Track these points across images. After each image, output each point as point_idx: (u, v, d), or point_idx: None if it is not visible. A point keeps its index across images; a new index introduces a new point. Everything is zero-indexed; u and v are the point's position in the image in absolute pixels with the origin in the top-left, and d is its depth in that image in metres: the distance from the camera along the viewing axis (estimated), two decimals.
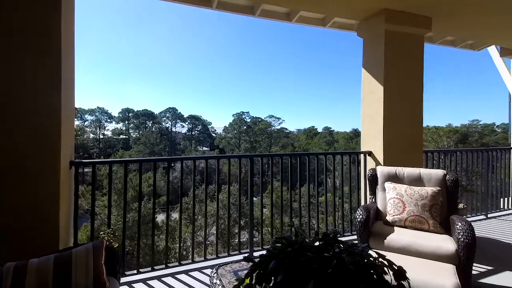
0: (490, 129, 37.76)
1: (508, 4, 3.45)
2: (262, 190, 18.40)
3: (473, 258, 2.06)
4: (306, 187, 3.78)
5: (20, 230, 2.18)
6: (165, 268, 2.77)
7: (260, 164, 3.17)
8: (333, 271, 1.10)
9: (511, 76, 5.74)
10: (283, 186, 14.49)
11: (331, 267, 1.11)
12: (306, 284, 1.07)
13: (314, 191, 4.03)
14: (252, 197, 3.24)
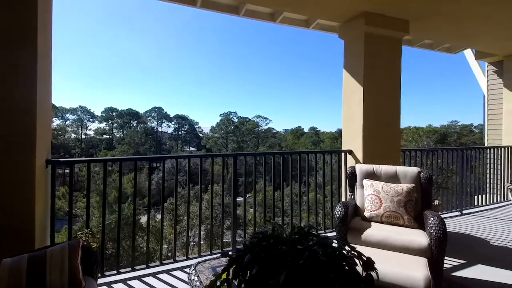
0: (468, 129, 39.43)
1: (480, 10, 3.64)
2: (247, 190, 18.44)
3: (445, 251, 2.16)
4: (291, 186, 3.83)
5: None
6: (146, 268, 2.74)
7: (244, 163, 3.20)
8: (304, 262, 1.14)
9: (485, 78, 6.03)
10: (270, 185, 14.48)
11: (302, 259, 1.14)
12: (280, 276, 1.10)
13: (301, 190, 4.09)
14: (236, 196, 3.26)
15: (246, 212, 3.66)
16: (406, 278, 1.79)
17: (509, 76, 5.42)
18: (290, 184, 3.73)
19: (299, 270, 1.13)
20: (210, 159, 3.11)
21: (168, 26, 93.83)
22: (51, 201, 2.49)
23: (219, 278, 1.31)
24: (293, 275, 1.11)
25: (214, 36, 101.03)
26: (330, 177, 3.84)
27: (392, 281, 1.82)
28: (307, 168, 3.75)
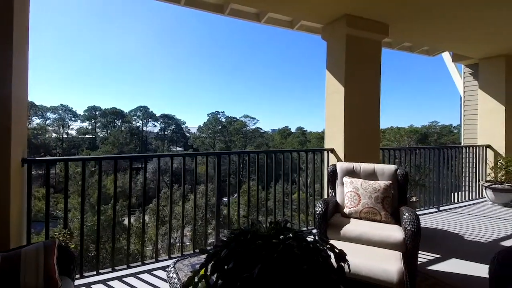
0: (447, 130, 40.94)
1: (456, 16, 3.80)
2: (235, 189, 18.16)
3: (418, 245, 2.25)
4: (276, 184, 3.88)
5: None
6: (127, 268, 2.71)
7: (228, 162, 3.19)
8: (279, 255, 1.18)
9: (462, 80, 6.30)
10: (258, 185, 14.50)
11: (277, 252, 1.18)
12: (254, 269, 1.13)
13: (287, 189, 4.14)
14: (220, 195, 3.27)
15: (233, 211, 3.66)
16: (381, 271, 1.86)
17: (484, 78, 5.68)
18: (274, 184, 3.77)
19: (273, 263, 1.16)
20: (196, 159, 3.11)
21: (154, 25, 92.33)
22: (28, 201, 2.42)
23: (196, 274, 1.32)
24: (267, 268, 1.14)
25: (200, 35, 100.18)
26: (315, 176, 3.91)
27: (368, 274, 1.89)
28: (290, 167, 3.80)
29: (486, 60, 5.61)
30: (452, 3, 3.48)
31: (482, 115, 5.70)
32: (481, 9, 3.63)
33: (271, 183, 3.54)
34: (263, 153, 3.80)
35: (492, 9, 3.62)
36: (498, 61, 5.43)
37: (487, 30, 4.33)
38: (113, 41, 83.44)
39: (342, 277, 1.21)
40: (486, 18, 3.89)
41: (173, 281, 1.55)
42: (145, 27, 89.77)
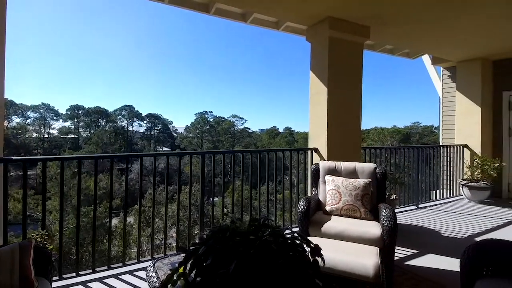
0: (429, 130, 42.33)
1: (435, 21, 3.95)
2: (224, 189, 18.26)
3: (395, 241, 2.34)
4: (264, 184, 3.91)
5: None
6: (107, 270, 2.67)
7: (212, 162, 3.21)
8: (255, 251, 1.20)
9: (440, 82, 6.54)
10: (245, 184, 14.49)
11: (254, 248, 1.20)
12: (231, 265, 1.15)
13: (271, 188, 4.18)
14: (203, 194, 3.27)
15: (220, 211, 3.67)
16: (358, 265, 1.92)
17: (461, 80, 5.92)
18: (258, 183, 3.80)
19: (250, 259, 1.18)
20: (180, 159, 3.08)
21: (139, 23, 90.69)
22: (4, 201, 2.35)
23: (175, 272, 1.33)
24: (244, 263, 1.17)
25: (187, 34, 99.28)
26: (299, 176, 3.97)
27: (346, 269, 1.95)
28: (275, 166, 3.84)
29: (463, 63, 5.85)
30: (431, 9, 3.62)
31: (459, 116, 5.95)
32: (458, 15, 3.79)
33: (262, 182, 3.57)
34: (248, 153, 3.83)
35: (469, 15, 3.79)
36: (475, 64, 5.67)
37: (464, 35, 4.53)
38: (96, 38, 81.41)
39: (317, 271, 1.25)
40: (463, 24, 4.07)
41: (152, 280, 1.55)
42: (131, 25, 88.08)
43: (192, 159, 3.20)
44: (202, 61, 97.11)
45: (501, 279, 1.70)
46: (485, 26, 4.15)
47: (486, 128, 5.67)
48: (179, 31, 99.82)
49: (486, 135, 5.66)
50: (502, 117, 5.65)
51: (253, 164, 3.63)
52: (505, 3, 3.43)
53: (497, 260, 1.77)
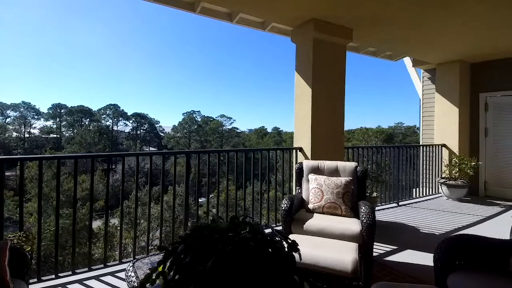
0: (411, 130, 43.58)
1: (415, 25, 4.08)
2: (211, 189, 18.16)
3: (374, 237, 2.41)
4: (241, 184, 3.93)
5: None
6: (88, 271, 2.62)
7: (197, 161, 3.20)
8: (233, 248, 1.22)
9: (421, 84, 6.76)
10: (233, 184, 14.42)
11: (231, 245, 1.22)
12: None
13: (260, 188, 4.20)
14: (188, 194, 3.25)
15: (196, 211, 3.66)
16: (337, 261, 1.98)
17: (440, 82, 6.14)
18: (243, 183, 3.82)
19: (228, 255, 1.20)
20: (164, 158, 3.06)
21: (124, 21, 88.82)
22: None
23: (154, 271, 1.33)
24: (222, 260, 1.18)
25: (175, 33, 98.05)
26: (283, 175, 4.02)
27: (325, 265, 2.00)
28: (260, 166, 3.87)
29: (442, 65, 6.07)
30: (411, 15, 3.75)
31: (438, 117, 6.16)
32: (439, 21, 3.94)
33: (249, 182, 3.59)
34: (233, 152, 3.84)
35: (449, 21, 3.94)
36: (453, 66, 5.90)
37: (444, 39, 4.70)
38: (81, 36, 79.15)
39: (293, 265, 1.28)
40: (442, 28, 4.22)
41: (131, 280, 1.54)
42: (116, 23, 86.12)
43: (176, 159, 3.19)
44: (190, 60, 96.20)
45: (472, 272, 1.79)
46: (464, 31, 4.32)
47: (464, 128, 5.91)
48: (166, 29, 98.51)
49: (463, 135, 5.89)
50: (479, 118, 5.90)
51: (240, 164, 3.64)
52: (483, 10, 3.58)
53: (467, 254, 1.86)
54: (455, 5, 3.48)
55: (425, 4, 3.47)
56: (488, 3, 3.41)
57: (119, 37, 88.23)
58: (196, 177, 3.28)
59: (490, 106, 5.80)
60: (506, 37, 4.53)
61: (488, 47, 5.04)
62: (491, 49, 5.17)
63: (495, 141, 5.73)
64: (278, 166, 4.16)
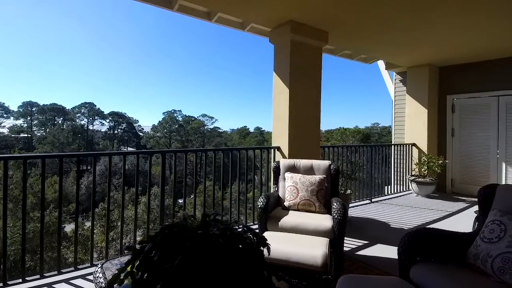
0: (387, 130, 45.31)
1: (385, 31, 4.28)
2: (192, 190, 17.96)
3: (344, 232, 2.52)
4: (234, 183, 3.94)
5: None
6: (58, 275, 2.54)
7: (174, 160, 3.17)
8: (202, 245, 1.24)
9: (393, 86, 7.06)
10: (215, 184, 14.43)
11: (200, 242, 1.24)
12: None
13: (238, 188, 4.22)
14: (163, 195, 3.22)
15: (188, 212, 3.61)
16: (309, 256, 2.05)
17: (411, 84, 6.45)
18: (217, 181, 3.83)
19: (196, 253, 1.22)
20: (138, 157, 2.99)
21: (102, 15, 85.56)
22: None
23: (122, 271, 1.32)
24: (190, 258, 1.20)
25: (155, 31, 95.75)
26: (261, 174, 4.06)
27: (298, 260, 2.06)
28: (238, 165, 3.90)
29: (413, 68, 6.38)
30: (383, 22, 3.93)
31: (409, 117, 6.48)
32: (408, 26, 4.14)
33: (231, 182, 3.60)
34: (212, 151, 3.84)
35: (417, 27, 4.15)
36: (423, 69, 6.21)
37: (414, 44, 4.96)
38: (53, 30, 75.33)
39: (261, 260, 1.32)
40: (412, 34, 4.45)
41: (99, 281, 1.51)
42: (92, 17, 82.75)
43: (151, 159, 3.14)
44: (171, 58, 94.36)
45: (432, 263, 1.91)
46: (432, 37, 4.57)
47: (432, 128, 6.25)
48: (145, 27, 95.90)
49: (432, 135, 6.23)
50: (446, 118, 6.26)
51: (220, 163, 3.65)
52: (450, 16, 3.80)
53: (428, 246, 1.99)
54: (423, 13, 3.68)
55: (395, 12, 3.66)
56: (454, 11, 3.63)
57: (94, 33, 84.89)
58: (176, 177, 3.25)
59: (457, 107, 6.17)
60: (472, 43, 4.83)
61: (455, 52, 5.36)
62: (458, 54, 5.50)
63: (461, 141, 6.11)
64: (259, 165, 4.21)
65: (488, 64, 5.67)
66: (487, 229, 1.94)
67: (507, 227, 1.82)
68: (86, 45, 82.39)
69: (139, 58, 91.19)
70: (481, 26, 4.11)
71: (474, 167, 5.90)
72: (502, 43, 4.77)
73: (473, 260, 1.86)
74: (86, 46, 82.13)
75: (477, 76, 5.82)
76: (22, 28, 71.53)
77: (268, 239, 2.28)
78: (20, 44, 70.99)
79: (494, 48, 5.01)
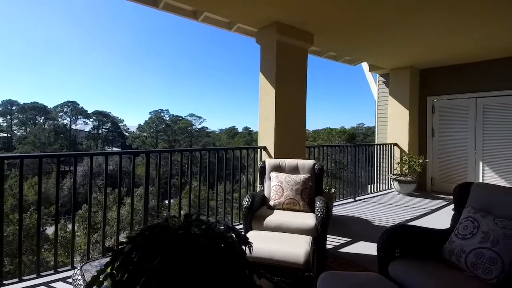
0: (371, 131, 46.31)
1: (368, 34, 4.39)
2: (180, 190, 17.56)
3: (327, 229, 2.57)
4: (196, 183, 3.93)
5: None
6: (37, 278, 2.47)
7: (158, 160, 3.15)
8: (182, 245, 1.25)
9: (376, 87, 7.24)
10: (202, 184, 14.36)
11: (180, 242, 1.24)
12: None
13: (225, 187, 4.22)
14: (147, 196, 3.17)
15: (175, 213, 3.57)
16: (291, 254, 2.08)
17: (393, 86, 6.64)
18: (199, 182, 3.82)
19: (176, 253, 1.22)
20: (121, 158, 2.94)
21: (86, 12, 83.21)
22: None
23: (102, 273, 1.31)
24: (170, 258, 1.20)
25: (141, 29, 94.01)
26: (247, 174, 4.09)
27: (281, 258, 2.09)
28: (224, 164, 3.90)
29: (395, 70, 6.56)
30: (365, 25, 4.03)
31: (391, 118, 6.66)
32: (390, 30, 4.27)
33: (219, 182, 3.56)
34: (198, 151, 3.82)
35: (399, 31, 4.28)
36: (404, 72, 6.40)
37: (395, 47, 5.10)
38: (35, 27, 72.60)
39: (243, 259, 1.34)
40: (394, 37, 4.59)
41: (78, 283, 1.49)
42: (75, 15, 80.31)
43: (134, 159, 3.09)
44: (159, 58, 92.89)
45: (409, 259, 1.98)
46: (413, 40, 4.72)
47: (413, 129, 6.45)
48: (131, 24, 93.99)
49: (413, 135, 6.43)
50: (427, 119, 6.47)
51: (206, 163, 3.64)
52: (431, 22, 3.93)
53: (406, 243, 2.06)
54: (404, 18, 3.82)
55: (378, 17, 3.77)
56: (437, 17, 3.76)
57: (78, 30, 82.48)
58: (160, 178, 3.22)
59: (437, 108, 6.39)
60: (452, 47, 5.01)
61: (436, 55, 5.56)
62: (438, 57, 5.70)
63: (441, 141, 6.33)
64: (245, 164, 4.23)
65: (466, 67, 5.91)
66: (461, 226, 2.02)
67: (480, 224, 1.90)
68: (68, 42, 79.93)
69: (125, 56, 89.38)
70: (460, 32, 4.29)
71: (453, 166, 6.13)
72: (479, 47, 4.98)
73: (448, 256, 1.93)
74: (68, 43, 79.70)
75: (456, 78, 6.06)
76: (1, 24, 68.60)
77: (252, 238, 2.32)
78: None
79: (472, 52, 5.22)
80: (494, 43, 4.76)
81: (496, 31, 4.22)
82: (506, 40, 4.61)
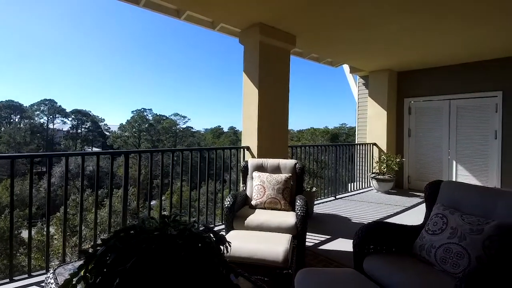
0: (353, 131, 47.33)
1: (347, 38, 4.50)
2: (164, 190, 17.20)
3: (307, 227, 2.63)
4: (206, 183, 3.91)
5: None
6: (9, 283, 2.37)
7: (138, 161, 3.10)
8: (157, 246, 1.25)
9: (356, 89, 7.44)
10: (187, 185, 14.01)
11: (155, 243, 1.24)
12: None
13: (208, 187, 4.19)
14: (126, 197, 3.12)
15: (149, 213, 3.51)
16: (271, 252, 2.11)
17: (372, 88, 6.84)
18: (181, 182, 3.79)
19: (151, 254, 1.22)
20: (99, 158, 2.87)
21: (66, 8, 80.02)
22: None
23: (75, 276, 1.28)
24: (145, 259, 1.20)
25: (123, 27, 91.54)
26: (231, 174, 4.09)
27: (261, 257, 2.12)
28: (206, 165, 3.89)
29: (374, 72, 6.77)
30: (344, 30, 4.15)
31: (370, 118, 6.86)
32: (368, 35, 4.40)
33: (201, 182, 3.56)
34: (179, 151, 3.79)
35: (377, 35, 4.42)
36: (383, 74, 6.61)
37: (374, 51, 5.26)
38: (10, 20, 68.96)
39: (220, 258, 1.36)
40: (372, 41, 4.73)
41: (50, 287, 1.45)
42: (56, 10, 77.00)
43: (112, 159, 3.03)
44: (141, 55, 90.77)
45: (383, 255, 2.06)
46: (390, 45, 4.89)
47: (391, 129, 6.68)
48: (113, 22, 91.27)
49: (391, 135, 6.66)
50: (404, 120, 6.72)
51: (189, 163, 3.61)
52: (407, 27, 4.09)
53: (379, 239, 2.14)
54: (380, 23, 3.96)
55: (357, 22, 3.90)
56: (409, 21, 3.91)
57: (59, 26, 79.16)
58: (139, 179, 3.16)
59: (413, 110, 6.65)
60: (427, 51, 5.22)
61: (412, 58, 5.77)
62: (415, 60, 5.93)
63: (417, 141, 6.60)
64: (228, 165, 4.23)
65: (440, 70, 6.18)
66: (431, 222, 2.12)
67: (449, 220, 2.00)
68: (46, 38, 76.59)
69: (106, 54, 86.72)
70: (435, 37, 4.48)
71: (428, 165, 6.40)
72: (453, 52, 5.24)
73: (419, 251, 2.02)
74: (46, 39, 76.36)
75: (431, 81, 6.33)
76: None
77: (233, 238, 2.34)
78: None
79: (446, 55, 5.47)
80: (467, 49, 5.02)
81: (469, 38, 4.47)
82: (477, 46, 4.88)
